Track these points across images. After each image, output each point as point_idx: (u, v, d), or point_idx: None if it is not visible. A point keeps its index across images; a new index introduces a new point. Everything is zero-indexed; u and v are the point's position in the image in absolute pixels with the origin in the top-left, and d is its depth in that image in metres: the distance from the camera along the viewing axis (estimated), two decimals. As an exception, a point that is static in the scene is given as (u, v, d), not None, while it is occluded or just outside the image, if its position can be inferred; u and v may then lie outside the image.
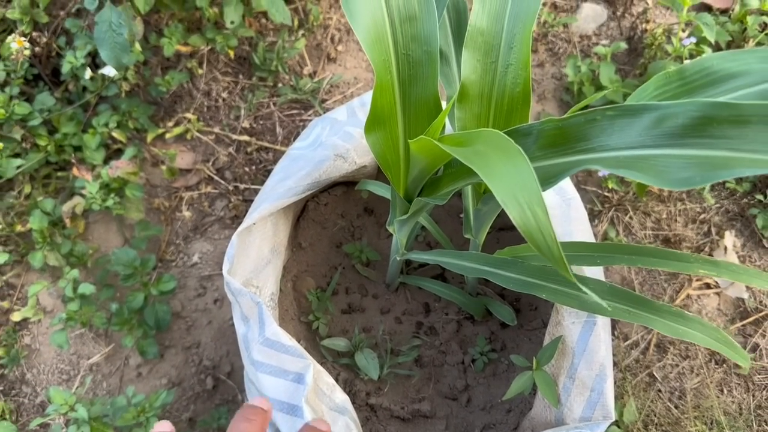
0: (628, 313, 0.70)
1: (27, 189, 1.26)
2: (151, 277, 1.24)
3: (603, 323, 0.77)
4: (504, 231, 1.05)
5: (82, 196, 1.20)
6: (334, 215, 1.06)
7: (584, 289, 0.49)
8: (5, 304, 1.23)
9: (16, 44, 1.18)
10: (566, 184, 0.88)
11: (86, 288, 1.13)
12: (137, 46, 1.20)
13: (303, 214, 1.04)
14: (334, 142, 0.90)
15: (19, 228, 1.22)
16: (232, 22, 1.21)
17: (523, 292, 0.74)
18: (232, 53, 1.32)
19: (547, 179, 0.54)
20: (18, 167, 1.21)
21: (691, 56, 1.28)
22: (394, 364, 0.96)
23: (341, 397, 0.76)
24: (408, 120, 0.69)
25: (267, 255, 0.86)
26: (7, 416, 1.18)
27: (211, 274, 1.27)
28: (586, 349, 0.76)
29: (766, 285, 0.67)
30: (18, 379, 1.21)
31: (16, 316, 1.21)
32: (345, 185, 1.06)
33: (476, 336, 0.99)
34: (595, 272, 0.82)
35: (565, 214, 0.84)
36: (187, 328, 1.24)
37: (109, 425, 1.01)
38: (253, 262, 0.84)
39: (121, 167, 1.18)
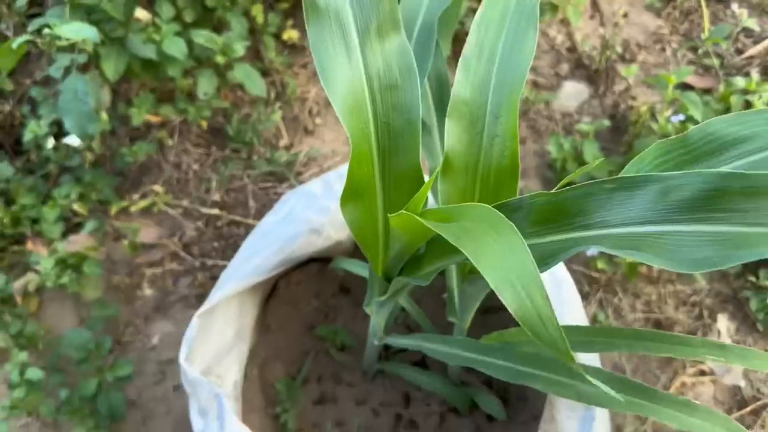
0: (630, 404, 0.63)
1: (-23, 264, 1.18)
2: (107, 361, 1.14)
3: (602, 417, 0.70)
4: (490, 314, 0.98)
5: (36, 272, 1.12)
6: (306, 295, 0.99)
7: (594, 381, 0.42)
8: (-57, 390, 1.12)
9: (-24, 112, 1.13)
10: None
11: (33, 373, 1.04)
12: (104, 115, 1.15)
13: (273, 293, 0.97)
14: (308, 216, 0.85)
15: (-35, 306, 1.13)
16: (205, 93, 1.17)
17: (514, 382, 0.67)
18: (205, 124, 1.27)
19: (543, 260, 0.49)
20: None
21: (677, 133, 1.27)
22: (370, 463, 0.87)
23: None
24: (387, 193, 0.63)
25: (231, 339, 0.79)
26: None
27: (172, 357, 1.17)
28: (585, 450, 0.68)
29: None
30: (-50, 477, 1.09)
31: (-46, 404, 1.10)
32: (319, 262, 1.00)
33: (461, 431, 0.91)
34: (591, 359, 0.75)
35: (556, 295, 0.78)
36: (143, 420, 1.13)
37: None
38: (214, 347, 0.76)
39: (79, 242, 1.11)
